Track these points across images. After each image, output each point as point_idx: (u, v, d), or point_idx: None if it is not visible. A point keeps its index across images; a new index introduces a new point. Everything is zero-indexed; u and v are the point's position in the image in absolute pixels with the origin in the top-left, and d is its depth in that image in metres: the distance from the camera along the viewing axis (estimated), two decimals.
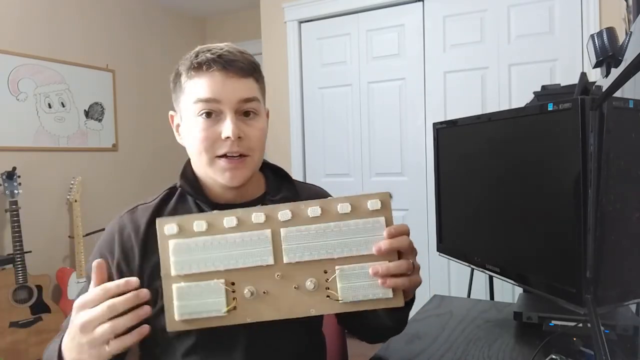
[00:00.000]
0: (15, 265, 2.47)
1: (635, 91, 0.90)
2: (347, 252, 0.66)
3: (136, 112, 3.54)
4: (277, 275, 0.66)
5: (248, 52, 0.81)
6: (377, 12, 2.77)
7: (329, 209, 0.66)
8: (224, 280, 0.65)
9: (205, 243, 0.66)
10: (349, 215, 0.66)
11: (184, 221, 0.66)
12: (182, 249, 0.66)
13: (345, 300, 0.65)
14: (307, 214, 0.66)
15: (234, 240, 0.66)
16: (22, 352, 2.45)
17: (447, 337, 1.06)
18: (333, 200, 0.67)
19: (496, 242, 0.98)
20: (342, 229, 0.66)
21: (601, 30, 0.75)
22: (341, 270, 0.65)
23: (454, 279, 2.61)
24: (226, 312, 0.65)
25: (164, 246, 0.66)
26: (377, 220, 0.66)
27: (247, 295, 0.65)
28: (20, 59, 2.78)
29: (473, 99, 2.53)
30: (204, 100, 0.75)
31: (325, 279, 0.66)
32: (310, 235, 0.66)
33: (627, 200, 0.74)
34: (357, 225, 0.66)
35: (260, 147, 0.80)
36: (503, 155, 0.95)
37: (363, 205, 0.66)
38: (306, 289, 0.65)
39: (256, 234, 0.66)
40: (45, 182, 2.90)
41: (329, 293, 0.66)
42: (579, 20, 2.29)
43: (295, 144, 3.03)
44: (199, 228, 0.66)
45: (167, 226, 0.66)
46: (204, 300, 0.65)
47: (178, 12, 3.91)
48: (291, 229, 0.66)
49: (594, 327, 0.66)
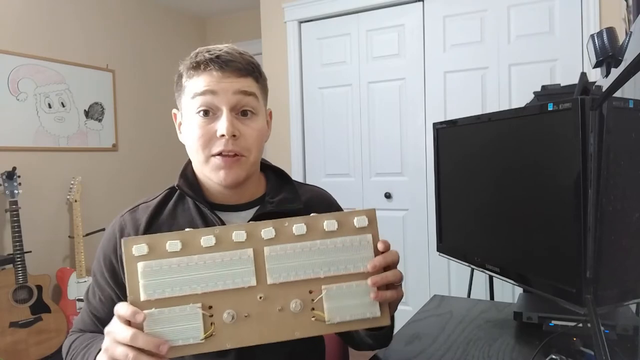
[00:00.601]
0: (15, 265, 2.47)
1: (635, 91, 0.90)
2: (333, 270, 0.63)
3: (136, 112, 3.54)
4: (259, 297, 0.62)
5: (249, 53, 0.81)
6: (377, 12, 2.77)
7: (315, 226, 0.64)
8: (200, 304, 0.60)
9: (180, 264, 0.61)
10: (335, 233, 0.64)
11: (155, 240, 0.61)
12: (153, 271, 0.60)
13: (332, 322, 0.63)
14: (292, 231, 0.63)
15: (212, 260, 0.61)
16: (22, 352, 2.45)
17: (447, 337, 1.06)
18: (318, 217, 0.64)
19: (496, 242, 0.98)
20: (328, 246, 0.63)
21: (601, 30, 0.75)
22: (328, 290, 0.63)
23: (454, 279, 2.61)
24: (203, 339, 0.60)
25: (132, 269, 0.60)
26: (364, 238, 0.64)
27: (227, 319, 0.61)
28: (20, 59, 2.78)
29: (473, 99, 2.53)
30: (200, 93, 0.75)
31: (310, 299, 0.63)
32: (296, 254, 0.63)
33: (627, 200, 0.74)
34: (344, 243, 0.64)
35: (257, 147, 0.79)
36: (503, 155, 0.95)
37: (350, 222, 0.64)
38: (291, 310, 0.62)
39: (237, 254, 0.62)
40: (45, 182, 2.90)
41: (315, 314, 0.63)
42: (579, 20, 2.29)
43: (295, 144, 3.03)
44: (172, 248, 0.61)
45: (135, 247, 0.60)
46: (178, 327, 0.60)
47: (178, 12, 3.91)
48: (275, 247, 0.62)
49: (594, 327, 0.66)
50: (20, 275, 2.48)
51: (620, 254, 0.74)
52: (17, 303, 2.47)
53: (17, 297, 2.47)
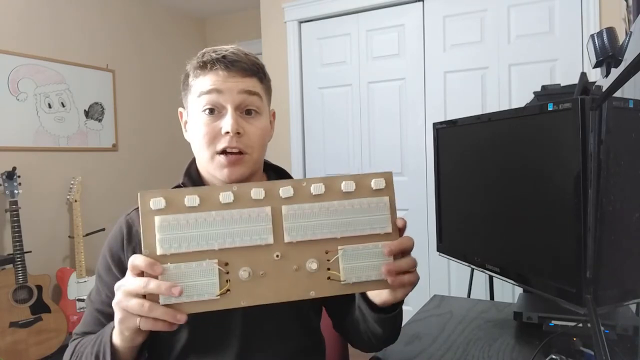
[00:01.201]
0: (15, 265, 2.47)
1: (635, 91, 0.90)
2: (350, 231, 0.63)
3: (136, 112, 3.54)
4: (276, 255, 0.62)
5: (254, 54, 0.82)
6: (377, 12, 2.77)
7: (332, 187, 0.64)
8: (217, 261, 0.60)
9: (198, 219, 0.60)
10: (353, 194, 0.64)
11: (173, 195, 0.60)
12: (170, 226, 0.59)
13: (347, 282, 0.63)
14: (310, 191, 0.63)
15: (230, 216, 0.61)
16: (22, 352, 2.45)
17: (447, 337, 1.06)
18: (337, 178, 0.64)
19: (496, 242, 0.98)
20: (345, 207, 0.63)
21: (601, 30, 0.75)
22: (344, 251, 0.63)
23: (454, 279, 2.61)
24: (219, 295, 0.60)
25: (148, 223, 0.59)
26: (381, 200, 0.65)
27: (243, 276, 0.60)
28: (20, 59, 2.78)
29: (473, 99, 2.53)
30: (206, 92, 0.76)
31: (326, 259, 0.63)
32: (313, 213, 0.63)
33: (627, 200, 0.74)
34: (361, 205, 0.64)
35: (260, 146, 0.80)
36: (503, 155, 0.95)
37: (367, 184, 0.65)
38: (307, 270, 0.62)
39: (255, 211, 0.61)
40: (45, 182, 2.90)
41: (331, 274, 0.63)
42: (579, 20, 2.29)
43: (295, 144, 3.03)
44: (190, 203, 0.60)
45: (153, 200, 0.59)
46: (194, 283, 0.59)
47: (178, 12, 3.91)
48: (293, 207, 0.62)
49: (594, 327, 0.66)
50: (20, 275, 2.48)
51: (620, 254, 0.74)
52: (17, 303, 2.47)
53: (17, 297, 2.47)
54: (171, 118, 3.72)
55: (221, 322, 0.79)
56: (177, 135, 3.85)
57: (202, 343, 0.79)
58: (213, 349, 0.79)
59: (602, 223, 0.69)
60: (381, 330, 0.79)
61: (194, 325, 0.78)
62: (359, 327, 0.84)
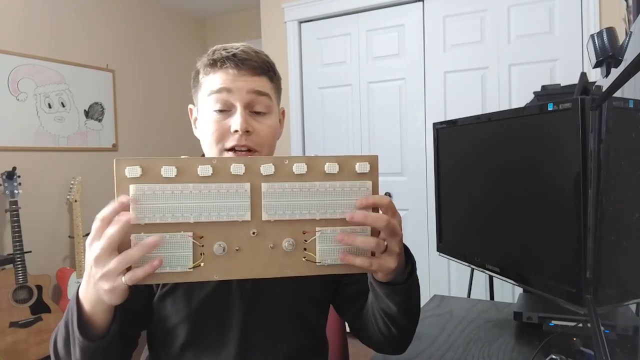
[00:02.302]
0: (15, 265, 2.47)
1: (635, 91, 0.90)
2: (330, 214, 0.62)
3: (136, 112, 3.54)
4: (252, 232, 0.61)
5: (264, 52, 0.82)
6: (377, 12, 2.77)
7: (315, 167, 0.62)
8: (191, 233, 0.59)
9: (174, 191, 0.59)
10: (335, 176, 0.62)
11: (149, 163, 0.58)
12: (145, 195, 0.58)
13: (322, 263, 0.62)
14: (292, 170, 0.61)
15: (207, 190, 0.59)
16: (22, 352, 2.45)
17: (447, 337, 1.06)
18: (320, 158, 0.63)
19: (496, 242, 0.98)
20: (327, 189, 0.62)
21: (601, 30, 0.75)
22: (322, 233, 0.62)
23: (454, 279, 2.61)
24: (192, 267, 0.59)
25: (123, 191, 0.58)
26: (364, 184, 0.63)
27: (218, 251, 0.60)
28: (20, 59, 2.78)
29: (473, 99, 2.53)
30: (216, 91, 0.77)
31: (303, 240, 0.62)
32: (294, 193, 0.61)
33: (627, 200, 0.74)
34: (343, 187, 0.62)
35: (269, 144, 0.81)
36: (503, 155, 0.95)
37: (351, 166, 0.63)
38: (283, 248, 0.61)
39: (234, 186, 0.60)
40: (45, 182, 2.90)
41: (306, 255, 0.62)
42: (579, 20, 2.29)
43: (295, 144, 3.03)
44: (167, 174, 0.58)
45: (128, 168, 0.58)
46: (167, 254, 0.58)
47: (178, 12, 3.91)
48: (273, 185, 0.61)
49: (594, 327, 0.66)
50: (20, 275, 2.48)
51: (620, 254, 0.74)
52: (17, 303, 2.47)
53: (17, 297, 2.47)
54: (171, 118, 3.72)
55: (220, 320, 0.79)
56: (177, 135, 3.82)
57: (201, 340, 0.79)
58: (212, 346, 0.79)
59: (602, 223, 0.69)
60: (395, 309, 0.73)
61: (193, 322, 0.78)
62: (375, 316, 0.79)
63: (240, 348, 0.79)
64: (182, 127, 0.83)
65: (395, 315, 0.74)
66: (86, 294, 0.62)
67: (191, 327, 0.78)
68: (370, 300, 0.79)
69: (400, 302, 0.72)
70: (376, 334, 0.81)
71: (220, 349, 0.79)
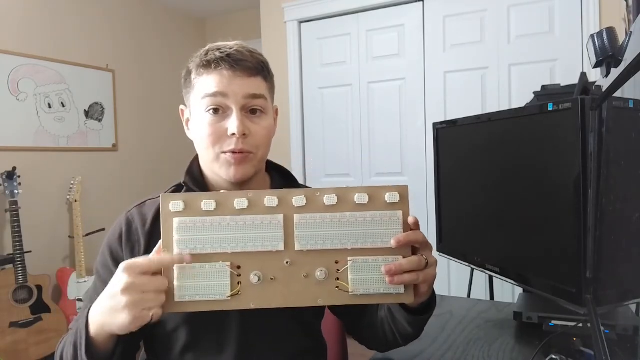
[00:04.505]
0: (15, 265, 2.47)
1: (635, 91, 0.90)
2: (361, 243, 0.64)
3: (136, 112, 3.54)
4: (286, 262, 0.64)
5: (258, 51, 0.81)
6: (377, 12, 2.77)
7: (346, 198, 0.65)
8: (229, 263, 0.63)
9: (213, 223, 0.63)
10: (366, 207, 0.65)
11: (191, 199, 0.64)
12: (187, 228, 0.63)
13: (355, 293, 0.64)
14: (323, 201, 0.64)
15: (244, 222, 0.64)
16: (22, 352, 2.45)
17: (447, 337, 1.06)
18: (350, 189, 0.65)
19: (496, 242, 0.98)
20: (357, 219, 0.64)
21: (601, 30, 0.75)
22: (354, 262, 0.64)
23: (454, 279, 2.61)
24: (229, 296, 0.63)
25: (168, 224, 0.63)
26: (394, 214, 0.65)
27: (254, 280, 0.63)
28: (20, 59, 2.77)
29: (473, 99, 2.53)
30: (211, 94, 0.76)
31: (336, 269, 0.64)
32: (325, 223, 0.64)
33: (627, 200, 0.74)
34: (374, 217, 0.65)
35: (265, 145, 0.80)
36: (503, 155, 0.95)
37: (381, 196, 0.65)
38: (316, 278, 0.64)
39: (268, 218, 0.64)
40: (45, 182, 2.89)
41: (339, 284, 0.64)
42: (579, 20, 2.29)
43: (295, 144, 3.03)
44: (207, 207, 0.63)
45: (172, 203, 0.63)
46: (207, 283, 0.62)
47: (178, 12, 3.91)
48: (305, 216, 0.64)
49: (594, 327, 0.66)
50: (20, 275, 2.48)
51: (620, 253, 0.74)
52: (17, 303, 2.47)
53: (17, 297, 2.47)
54: (171, 118, 3.72)
55: (219, 323, 0.79)
56: (177, 135, 3.82)
57: (201, 343, 0.79)
58: (212, 349, 0.79)
59: (602, 223, 0.69)
60: (411, 330, 0.79)
61: (193, 326, 0.78)
62: (383, 327, 0.84)
63: (240, 350, 0.79)
64: (182, 127, 0.84)
65: (409, 334, 0.80)
66: (99, 320, 0.64)
67: (191, 330, 0.78)
68: (384, 320, 0.83)
69: (420, 327, 0.79)
70: (380, 343, 0.87)
71: (220, 351, 0.79)
